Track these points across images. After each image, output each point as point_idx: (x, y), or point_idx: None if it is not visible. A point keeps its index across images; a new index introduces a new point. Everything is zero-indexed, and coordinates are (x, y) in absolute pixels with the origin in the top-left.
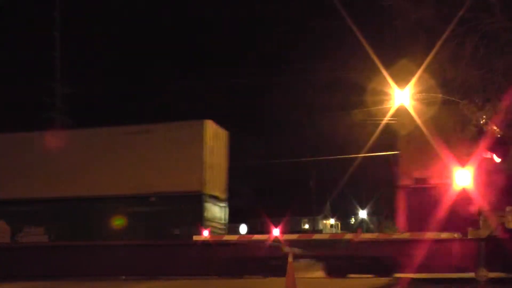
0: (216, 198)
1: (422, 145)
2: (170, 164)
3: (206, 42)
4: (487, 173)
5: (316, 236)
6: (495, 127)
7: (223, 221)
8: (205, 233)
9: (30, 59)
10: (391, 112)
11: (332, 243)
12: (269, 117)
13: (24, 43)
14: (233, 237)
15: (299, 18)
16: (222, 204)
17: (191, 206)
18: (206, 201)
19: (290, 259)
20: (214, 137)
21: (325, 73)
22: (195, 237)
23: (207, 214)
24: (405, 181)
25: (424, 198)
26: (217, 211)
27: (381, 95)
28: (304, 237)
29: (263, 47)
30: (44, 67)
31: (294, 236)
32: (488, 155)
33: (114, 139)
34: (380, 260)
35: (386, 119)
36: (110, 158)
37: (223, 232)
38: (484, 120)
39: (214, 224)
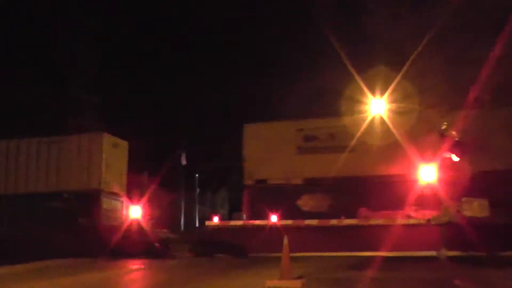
0: (114, 194)
1: (264, 152)
2: (78, 167)
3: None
4: (447, 170)
5: (307, 222)
6: (454, 132)
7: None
8: (215, 219)
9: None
10: (368, 120)
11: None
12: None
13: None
14: (238, 223)
15: (281, 26)
16: (121, 199)
17: (93, 201)
18: (104, 197)
19: (285, 241)
20: (112, 146)
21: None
22: (207, 222)
23: (106, 206)
24: (248, 182)
25: (264, 196)
26: (115, 205)
27: (357, 105)
28: (297, 223)
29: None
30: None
31: (289, 222)
32: (448, 155)
33: (35, 147)
34: (235, 244)
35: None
36: (31, 163)
37: (121, 221)
38: (445, 126)
39: (112, 215)
